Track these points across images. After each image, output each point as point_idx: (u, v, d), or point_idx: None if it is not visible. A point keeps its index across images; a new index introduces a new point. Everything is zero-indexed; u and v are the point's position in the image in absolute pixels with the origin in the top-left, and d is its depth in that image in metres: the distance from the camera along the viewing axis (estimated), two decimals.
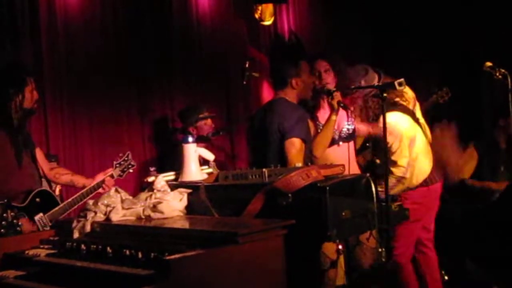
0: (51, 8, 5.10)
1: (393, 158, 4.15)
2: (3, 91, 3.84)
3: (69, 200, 4.01)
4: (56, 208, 3.93)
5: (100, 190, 4.11)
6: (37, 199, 3.87)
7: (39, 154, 4.19)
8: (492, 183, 5.57)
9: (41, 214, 3.83)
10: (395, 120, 4.07)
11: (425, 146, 4.33)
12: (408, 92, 4.35)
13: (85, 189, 4.07)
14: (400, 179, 4.15)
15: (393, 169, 4.11)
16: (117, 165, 4.21)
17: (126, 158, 4.24)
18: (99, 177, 4.15)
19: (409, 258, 4.35)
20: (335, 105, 4.23)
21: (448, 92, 5.27)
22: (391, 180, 3.90)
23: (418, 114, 4.42)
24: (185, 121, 5.37)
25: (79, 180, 4.25)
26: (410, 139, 4.20)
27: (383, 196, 4.15)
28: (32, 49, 4.99)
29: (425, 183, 4.26)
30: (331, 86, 4.36)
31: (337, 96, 4.24)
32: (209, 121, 5.35)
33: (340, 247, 4.59)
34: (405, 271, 4.32)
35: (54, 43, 5.11)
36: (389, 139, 4.02)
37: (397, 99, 4.25)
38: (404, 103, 4.29)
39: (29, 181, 3.95)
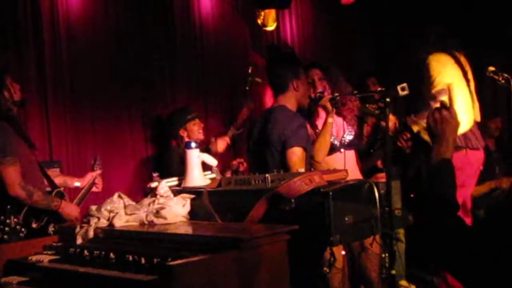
0: (53, 13, 5.09)
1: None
2: None
3: (76, 200, 4.31)
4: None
5: (94, 188, 4.49)
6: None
7: None
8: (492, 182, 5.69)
9: None
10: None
11: (466, 102, 4.42)
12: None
13: (85, 188, 4.41)
14: None
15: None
16: (96, 167, 4.59)
17: (98, 162, 4.62)
18: (89, 176, 4.49)
19: None
20: (329, 107, 4.26)
21: None
22: None
23: (470, 77, 4.53)
24: (175, 124, 5.30)
25: (72, 180, 4.48)
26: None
27: None
28: (34, 55, 4.99)
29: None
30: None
31: (326, 98, 4.29)
32: (197, 121, 5.28)
33: (343, 252, 4.60)
34: None
35: (56, 48, 5.11)
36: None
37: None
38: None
39: (41, 177, 4.06)
